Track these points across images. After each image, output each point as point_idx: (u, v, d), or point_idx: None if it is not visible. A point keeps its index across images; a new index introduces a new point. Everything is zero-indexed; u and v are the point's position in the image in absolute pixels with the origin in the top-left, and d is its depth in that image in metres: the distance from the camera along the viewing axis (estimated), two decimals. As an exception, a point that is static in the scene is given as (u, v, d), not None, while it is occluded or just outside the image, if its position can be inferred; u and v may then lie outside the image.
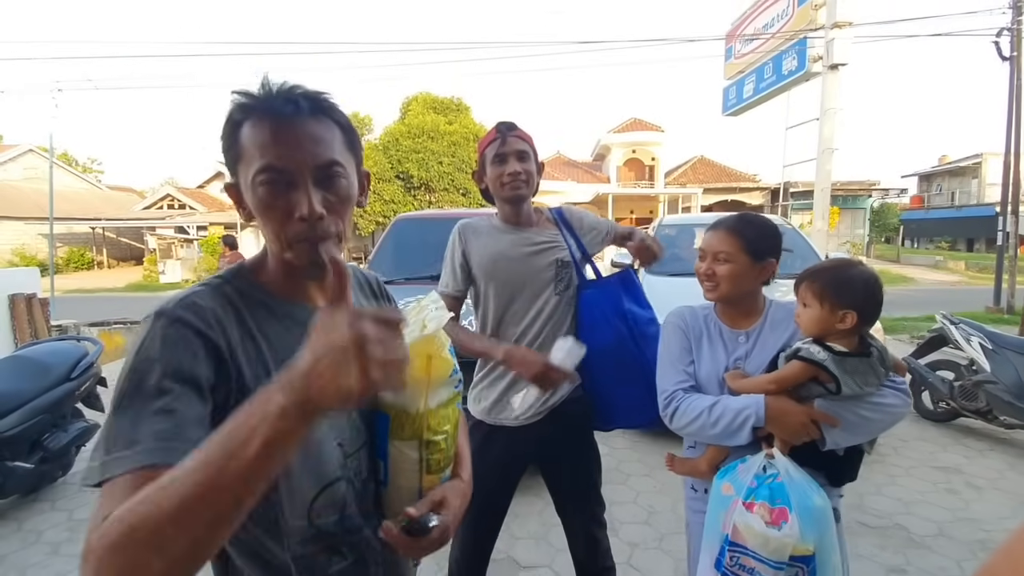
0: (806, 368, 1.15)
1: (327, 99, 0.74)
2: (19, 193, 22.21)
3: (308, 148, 0.70)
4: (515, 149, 1.51)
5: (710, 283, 1.35)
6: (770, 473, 1.12)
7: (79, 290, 16.27)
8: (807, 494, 1.08)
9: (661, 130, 26.06)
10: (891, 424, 1.21)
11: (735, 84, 13.37)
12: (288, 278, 0.79)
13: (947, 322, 4.20)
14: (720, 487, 1.18)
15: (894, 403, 1.18)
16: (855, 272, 1.18)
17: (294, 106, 0.70)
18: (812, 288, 1.19)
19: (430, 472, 0.84)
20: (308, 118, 0.71)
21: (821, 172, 9.76)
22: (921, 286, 16.14)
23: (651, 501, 2.98)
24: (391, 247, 4.36)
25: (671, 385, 1.34)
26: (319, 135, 0.71)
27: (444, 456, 0.86)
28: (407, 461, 0.83)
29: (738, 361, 1.32)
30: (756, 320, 1.35)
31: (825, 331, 1.17)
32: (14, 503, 2.97)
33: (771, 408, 1.16)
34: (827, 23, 9.41)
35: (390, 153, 19.25)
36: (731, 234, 1.33)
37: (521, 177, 1.50)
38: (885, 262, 23.12)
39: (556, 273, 1.54)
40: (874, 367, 1.15)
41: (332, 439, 0.78)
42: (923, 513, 2.85)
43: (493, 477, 1.59)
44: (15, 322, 5.05)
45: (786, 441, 1.16)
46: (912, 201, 34.24)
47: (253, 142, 0.70)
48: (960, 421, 4.10)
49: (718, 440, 1.24)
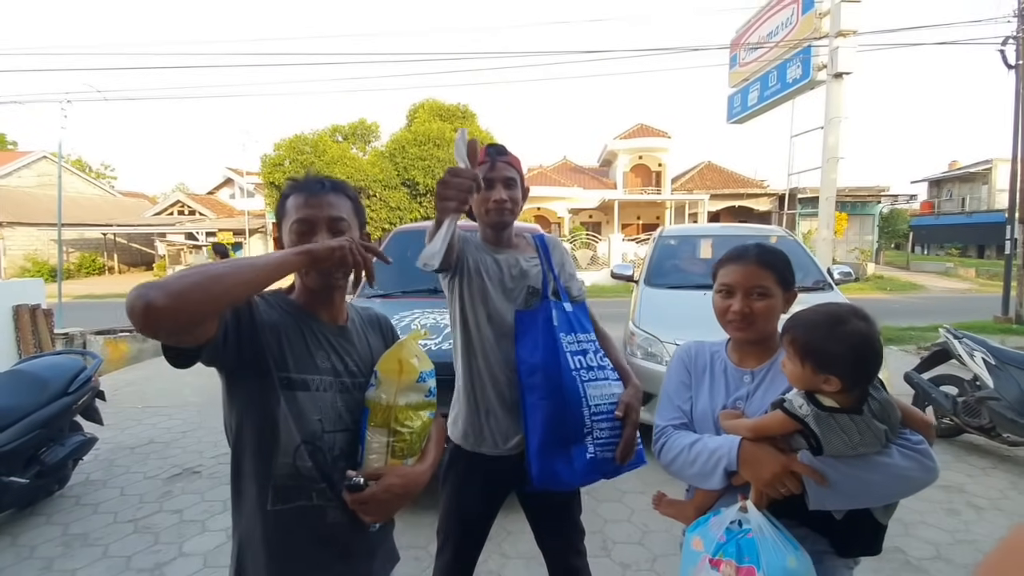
0: (786, 421, 1.05)
1: (344, 183, 1.17)
2: (33, 199, 22.56)
3: (325, 209, 1.10)
4: (503, 176, 1.51)
5: (743, 322, 1.21)
6: (744, 528, 1.04)
7: (89, 295, 16.45)
8: (779, 554, 0.98)
9: (668, 136, 26.03)
10: (904, 491, 1.05)
11: (740, 92, 13.35)
12: (306, 298, 1.14)
13: (950, 336, 4.13)
14: (691, 541, 1.11)
15: (902, 465, 1.02)
16: (843, 332, 1.02)
17: (320, 185, 1.12)
18: (794, 345, 1.07)
19: (394, 456, 1.08)
20: (329, 192, 1.12)
21: (826, 181, 9.70)
22: (931, 293, 15.95)
23: (646, 520, 2.94)
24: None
25: (663, 420, 1.30)
26: (334, 202, 1.11)
27: (408, 447, 1.09)
28: (377, 444, 1.07)
29: (738, 401, 1.22)
30: (767, 359, 1.24)
31: (809, 389, 1.05)
32: (9, 517, 2.99)
33: (745, 451, 1.08)
34: (831, 31, 9.38)
35: (396, 160, 19.34)
36: (763, 266, 1.22)
37: (507, 205, 1.51)
38: (894, 268, 22.90)
39: (526, 300, 1.55)
40: (870, 424, 1.01)
41: (315, 415, 1.06)
42: (922, 535, 2.80)
43: (474, 505, 1.60)
44: (19, 333, 5.11)
45: (762, 492, 1.07)
46: (922, 207, 33.92)
47: (293, 206, 1.11)
48: (964, 438, 4.03)
49: (694, 480, 1.19)
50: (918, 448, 1.05)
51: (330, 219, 1.09)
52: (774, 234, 5.26)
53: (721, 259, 1.32)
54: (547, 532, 1.66)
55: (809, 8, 10.04)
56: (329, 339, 1.12)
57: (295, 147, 19.13)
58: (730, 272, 1.26)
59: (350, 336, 1.17)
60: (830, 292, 4.26)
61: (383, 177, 18.97)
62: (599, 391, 1.45)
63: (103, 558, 2.63)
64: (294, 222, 1.08)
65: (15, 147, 32.39)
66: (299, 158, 18.80)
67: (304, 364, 1.06)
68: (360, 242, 1.02)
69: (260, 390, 1.02)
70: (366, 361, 1.16)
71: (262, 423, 1.02)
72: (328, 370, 1.09)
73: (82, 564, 2.58)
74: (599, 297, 13.92)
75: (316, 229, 1.08)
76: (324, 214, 1.08)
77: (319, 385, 1.07)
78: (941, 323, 5.08)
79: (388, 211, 19.02)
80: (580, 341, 1.51)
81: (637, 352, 3.84)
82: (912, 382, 4.23)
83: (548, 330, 1.47)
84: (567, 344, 1.47)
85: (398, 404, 1.07)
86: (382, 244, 4.57)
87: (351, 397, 1.11)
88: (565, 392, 1.41)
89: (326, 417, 1.07)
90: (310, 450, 1.04)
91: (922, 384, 4.16)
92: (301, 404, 1.04)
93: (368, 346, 1.20)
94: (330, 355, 1.10)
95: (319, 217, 1.08)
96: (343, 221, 1.11)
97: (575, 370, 1.44)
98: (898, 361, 6.23)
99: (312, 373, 1.06)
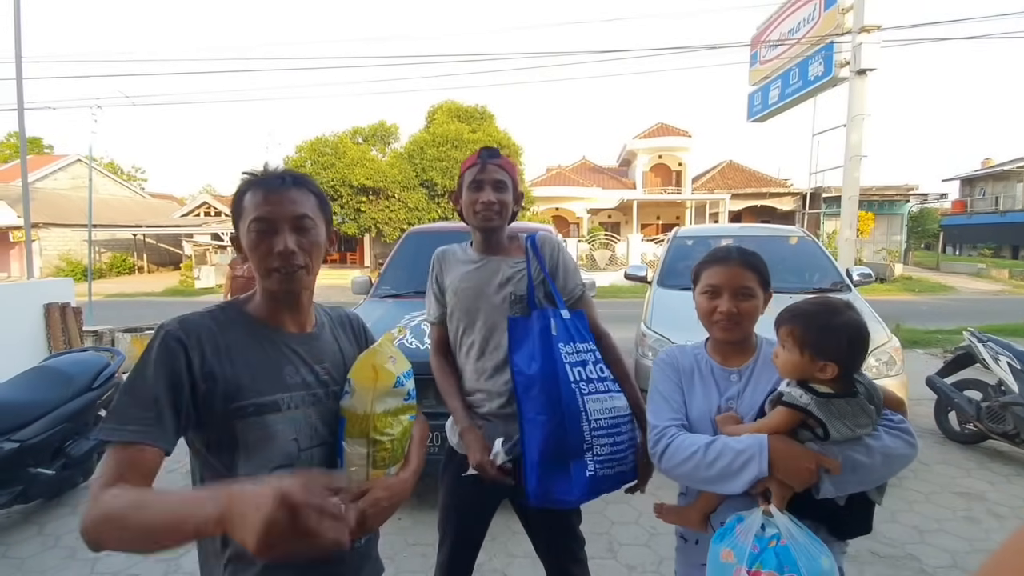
0: (793, 414, 1.08)
1: (306, 177, 1.05)
2: (67, 201, 23.34)
3: (287, 206, 0.99)
4: (493, 178, 1.49)
5: (729, 321, 1.23)
6: (771, 534, 1.02)
7: (120, 294, 16.98)
8: (814, 557, 0.98)
9: (688, 135, 25.75)
10: (895, 469, 1.10)
11: (760, 90, 13.14)
12: (267, 306, 1.04)
13: (974, 339, 4.02)
14: (719, 553, 1.07)
15: (892, 445, 1.08)
16: (840, 321, 1.09)
17: (280, 180, 1.00)
18: (793, 334, 1.11)
19: (376, 467, 1.02)
20: (291, 187, 1.00)
21: (849, 180, 9.49)
22: (961, 295, 15.45)
23: (654, 522, 2.86)
24: (402, 261, 4.41)
25: (663, 421, 1.24)
26: (297, 198, 1.00)
27: (389, 455, 1.03)
28: (357, 456, 1.01)
29: (730, 401, 1.23)
30: (749, 358, 1.27)
31: (804, 377, 1.10)
32: (36, 507, 3.12)
33: (776, 450, 1.06)
34: (854, 27, 9.17)
35: (415, 161, 19.51)
36: (748, 268, 1.25)
37: (494, 207, 1.49)
38: (924, 269, 22.25)
39: (510, 308, 1.50)
40: (863, 407, 1.07)
41: (290, 435, 0.99)
42: (939, 542, 2.73)
43: (468, 506, 1.61)
44: (49, 330, 5.32)
45: (782, 495, 1.06)
46: (954, 206, 32.88)
47: (250, 203, 0.99)
48: (987, 444, 3.91)
49: (712, 484, 1.13)
50: (901, 427, 1.11)
51: (293, 217, 0.99)
52: (793, 234, 5.16)
53: (703, 261, 1.33)
54: (544, 543, 1.64)
55: (831, 4, 9.81)
56: (296, 351, 1.04)
57: (316, 149, 19.44)
58: (715, 273, 1.27)
59: (320, 343, 1.09)
60: (848, 294, 4.17)
61: (402, 178, 19.15)
62: (600, 405, 1.40)
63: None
64: (252, 220, 0.98)
65: (51, 151, 33.58)
66: (320, 159, 19.09)
67: (271, 384, 0.98)
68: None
69: (222, 425, 0.94)
70: (339, 367, 1.08)
71: (230, 457, 0.94)
72: (298, 385, 1.01)
73: (102, 554, 2.68)
74: (616, 297, 13.83)
75: (278, 228, 0.98)
76: (286, 212, 0.98)
77: (290, 403, 0.99)
78: (968, 326, 4.94)
79: (407, 211, 19.20)
80: (579, 351, 1.45)
81: (648, 353, 3.82)
82: (934, 386, 4.12)
83: (546, 340, 1.42)
84: (566, 355, 1.42)
85: (375, 412, 1.01)
86: (397, 246, 4.63)
87: (325, 408, 1.04)
88: (564, 406, 1.36)
89: (301, 435, 1.00)
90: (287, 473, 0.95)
91: (944, 389, 4.06)
92: (272, 427, 0.96)
93: (340, 351, 1.12)
94: (299, 368, 1.03)
95: (280, 215, 0.98)
96: (307, 219, 1.00)
97: (575, 383, 1.39)
98: (923, 365, 6.07)
99: (281, 392, 0.99)
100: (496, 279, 1.52)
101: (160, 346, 0.91)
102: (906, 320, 8.50)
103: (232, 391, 0.93)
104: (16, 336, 5.10)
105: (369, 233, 20.09)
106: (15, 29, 6.95)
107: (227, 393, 0.93)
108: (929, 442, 4.07)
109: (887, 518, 2.95)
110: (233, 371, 0.94)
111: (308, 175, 1.07)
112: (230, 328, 0.99)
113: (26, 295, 5.44)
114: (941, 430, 4.15)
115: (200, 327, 0.95)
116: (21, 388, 2.97)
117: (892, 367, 3.43)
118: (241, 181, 1.03)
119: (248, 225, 0.98)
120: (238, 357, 0.96)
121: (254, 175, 1.03)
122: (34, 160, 26.09)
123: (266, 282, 1.01)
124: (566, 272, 1.57)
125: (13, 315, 5.14)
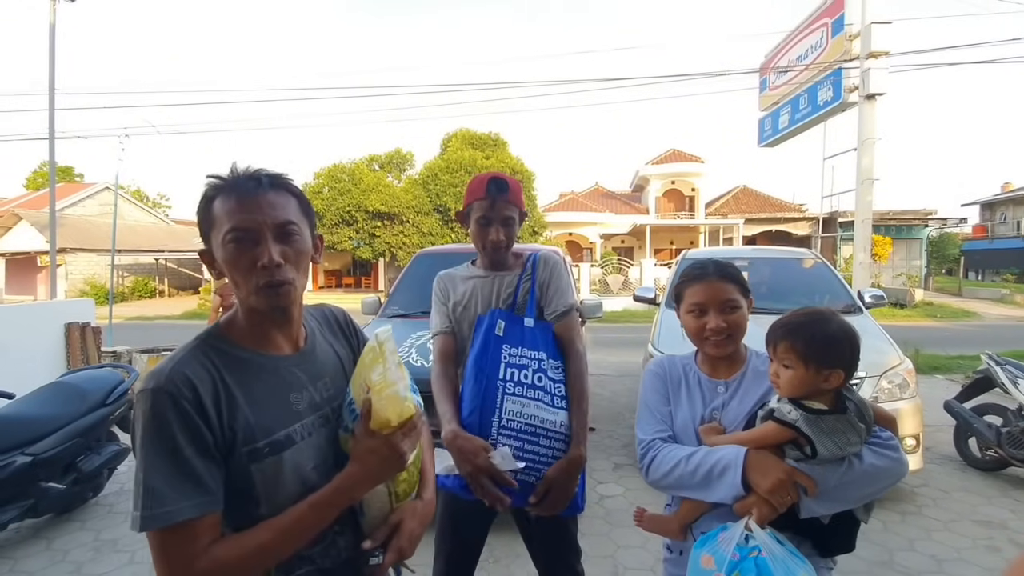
0: (780, 430, 1.08)
1: (283, 176, 0.92)
2: (94, 227, 24.08)
3: (268, 212, 0.87)
4: (502, 215, 1.56)
5: (722, 337, 1.24)
6: (752, 545, 1.04)
7: (140, 317, 17.32)
8: (792, 571, 1.00)
9: (701, 161, 25.89)
10: (880, 487, 1.09)
11: (770, 115, 13.24)
12: (255, 328, 0.92)
13: (993, 363, 3.92)
14: (700, 559, 1.09)
15: (878, 464, 1.06)
16: (836, 327, 1.09)
17: (256, 182, 0.88)
18: (794, 349, 1.09)
19: (398, 500, 0.96)
20: (268, 190, 0.88)
21: (861, 203, 9.44)
22: (985, 321, 15.06)
23: (660, 548, 2.87)
24: (411, 281, 4.48)
25: (649, 434, 1.27)
26: (277, 202, 0.88)
27: (409, 485, 0.97)
28: (377, 495, 0.93)
29: (714, 412, 1.24)
30: (737, 370, 1.28)
31: (808, 393, 1.09)
32: (46, 522, 3.16)
33: (751, 459, 1.08)
34: (862, 53, 9.26)
35: (429, 187, 19.88)
36: (727, 280, 1.27)
37: (502, 244, 1.58)
38: (945, 295, 21.77)
39: None
40: (853, 424, 1.06)
41: (308, 464, 0.91)
42: (958, 572, 2.63)
43: (465, 521, 1.61)
44: (69, 348, 5.46)
45: (764, 514, 1.07)
46: (975, 231, 32.30)
47: (223, 211, 0.86)
48: (1010, 471, 3.77)
49: (694, 491, 1.16)
50: (888, 444, 1.09)
51: (276, 225, 0.87)
52: (806, 257, 5.14)
53: (681, 280, 1.34)
54: (540, 550, 1.64)
55: (839, 30, 9.95)
56: (296, 373, 0.94)
57: (333, 176, 19.94)
58: (698, 291, 1.28)
59: (316, 356, 0.99)
60: (859, 316, 4.12)
61: (416, 203, 19.49)
62: (519, 408, 1.42)
63: (129, 564, 2.75)
64: (228, 231, 0.85)
65: (81, 179, 34.84)
66: (337, 185, 19.56)
67: (281, 418, 0.89)
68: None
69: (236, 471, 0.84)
70: (337, 375, 1.00)
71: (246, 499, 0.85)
72: (306, 410, 0.92)
73: (110, 569, 2.70)
74: (629, 322, 13.74)
75: (259, 239, 0.85)
76: (267, 218, 0.86)
77: (302, 432, 0.91)
78: (987, 350, 4.82)
79: (420, 236, 19.48)
80: (524, 356, 1.49)
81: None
82: (952, 411, 4.01)
83: (488, 338, 1.50)
84: (506, 355, 1.48)
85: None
86: (406, 267, 4.71)
87: (332, 429, 0.95)
88: (485, 398, 1.43)
89: (319, 462, 0.92)
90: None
91: (963, 414, 3.95)
92: (290, 462, 0.88)
93: (336, 356, 1.04)
94: (303, 391, 0.93)
95: (261, 223, 0.85)
96: (292, 224, 0.89)
97: (502, 381, 1.45)
98: (943, 391, 5.90)
99: (292, 423, 0.90)
100: (500, 292, 1.61)
101: (172, 409, 0.79)
102: (927, 346, 8.30)
103: (246, 435, 0.84)
104: (37, 354, 5.25)
105: (384, 257, 20.38)
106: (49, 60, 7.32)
107: (242, 439, 0.84)
108: (949, 469, 3.94)
109: (904, 546, 2.85)
110: (241, 414, 0.85)
111: (283, 173, 0.93)
112: (223, 367, 0.86)
113: (48, 315, 5.62)
114: (961, 456, 4.01)
115: (192, 377, 0.82)
116: (36, 403, 3.04)
117: (905, 390, 3.36)
118: (207, 186, 0.89)
119: (223, 237, 0.85)
120: (244, 394, 0.86)
121: (221, 178, 0.89)
122: (64, 188, 27.11)
123: (251, 300, 0.88)
124: (554, 289, 1.61)
125: (35, 334, 5.30)
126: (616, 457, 4.20)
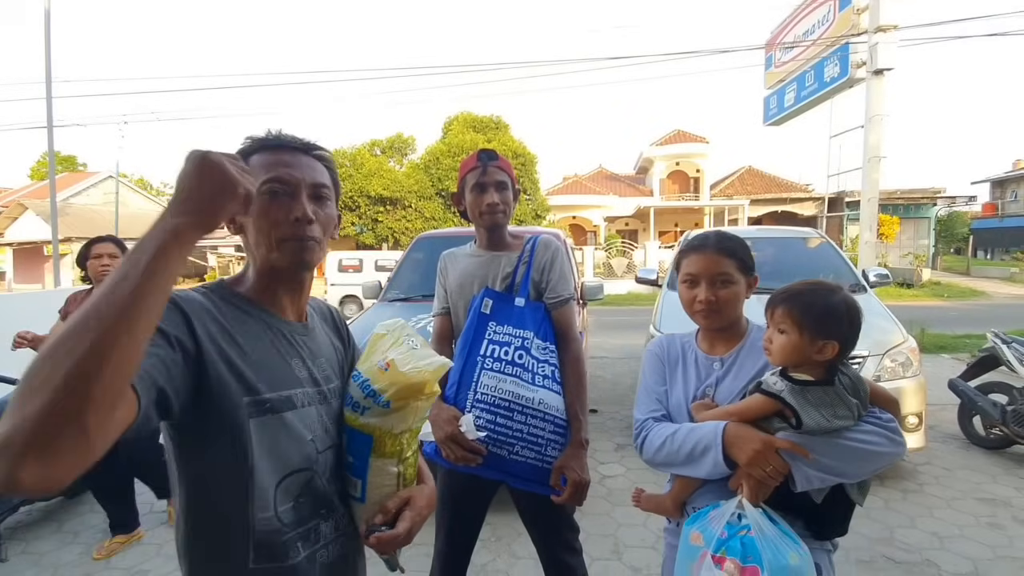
0: (766, 401, 1.08)
1: (320, 145, 0.96)
2: (98, 216, 24.13)
3: (307, 171, 0.89)
4: (495, 180, 1.58)
5: (709, 309, 1.23)
6: (743, 524, 1.04)
7: (146, 306, 17.42)
8: (781, 552, 0.99)
9: (706, 141, 25.55)
10: (874, 466, 1.08)
11: (776, 93, 13.02)
12: (265, 287, 0.90)
13: (998, 341, 3.90)
14: (689, 535, 1.10)
15: (872, 441, 1.05)
16: (838, 299, 1.08)
17: (298, 144, 0.91)
18: (791, 315, 1.08)
19: (405, 484, 0.95)
20: (309, 153, 0.92)
21: (868, 181, 9.31)
22: (993, 300, 14.94)
23: (662, 524, 2.88)
24: (412, 265, 4.47)
25: (642, 414, 1.29)
26: (315, 165, 0.92)
27: (413, 470, 0.97)
28: (387, 476, 0.91)
29: (708, 388, 1.24)
30: (736, 345, 1.27)
31: (799, 361, 1.08)
32: (57, 504, 3.22)
33: (729, 433, 1.09)
34: (870, 27, 9.04)
35: (431, 172, 19.77)
36: (724, 254, 1.24)
37: (499, 208, 1.58)
38: (953, 274, 21.60)
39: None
40: (843, 398, 1.05)
41: (307, 435, 0.87)
42: (959, 549, 2.63)
43: (464, 496, 1.62)
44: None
45: (753, 488, 1.07)
46: (984, 209, 31.92)
47: (261, 164, 0.87)
48: (1014, 449, 3.77)
49: (682, 468, 1.18)
50: (887, 425, 1.08)
51: (313, 184, 0.89)
52: (811, 237, 5.10)
53: (683, 249, 1.34)
54: (537, 527, 1.66)
55: (847, 4, 9.69)
56: (299, 341, 0.92)
57: (335, 161, 19.84)
58: (693, 262, 1.27)
59: (316, 336, 0.98)
60: (863, 295, 4.08)
61: (418, 188, 19.40)
62: (495, 383, 1.45)
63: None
64: (267, 180, 0.84)
65: (85, 168, 34.84)
66: (339, 171, 19.47)
67: (285, 377, 0.86)
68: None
69: (232, 421, 0.78)
70: (332, 361, 0.99)
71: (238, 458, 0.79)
72: (307, 380, 0.90)
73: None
74: (633, 305, 13.73)
75: (296, 193, 0.86)
76: (305, 176, 0.88)
77: (304, 400, 0.88)
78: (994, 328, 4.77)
79: (423, 221, 19.43)
80: (507, 333, 1.52)
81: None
82: (957, 390, 3.99)
83: (475, 314, 1.55)
84: (491, 332, 1.52)
85: (413, 429, 0.93)
86: (406, 251, 4.70)
87: (330, 408, 0.93)
88: (463, 372, 1.49)
89: (317, 435, 0.89)
90: (308, 477, 0.86)
91: (968, 392, 3.93)
92: (291, 426, 0.84)
93: (332, 347, 1.02)
94: (305, 361, 0.91)
95: (300, 179, 0.87)
96: (326, 188, 0.92)
97: (482, 356, 1.49)
98: (949, 370, 5.87)
99: (295, 386, 0.87)
100: (499, 271, 1.62)
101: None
102: (934, 326, 8.25)
103: (249, 382, 0.79)
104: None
105: (387, 243, 20.36)
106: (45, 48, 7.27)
107: (242, 384, 0.79)
108: (952, 447, 3.93)
109: (905, 523, 2.86)
110: (244, 359, 0.80)
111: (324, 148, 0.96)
112: (228, 310, 0.83)
113: (48, 302, 5.63)
114: (965, 435, 4.01)
115: (195, 301, 0.79)
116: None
117: (908, 368, 3.34)
118: (246, 142, 0.90)
119: (259, 187, 0.82)
120: (246, 343, 0.82)
121: (264, 137, 0.90)
122: (68, 177, 27.13)
123: (274, 255, 0.86)
124: (555, 275, 1.61)
125: (41, 321, 5.33)
126: (618, 438, 4.22)
